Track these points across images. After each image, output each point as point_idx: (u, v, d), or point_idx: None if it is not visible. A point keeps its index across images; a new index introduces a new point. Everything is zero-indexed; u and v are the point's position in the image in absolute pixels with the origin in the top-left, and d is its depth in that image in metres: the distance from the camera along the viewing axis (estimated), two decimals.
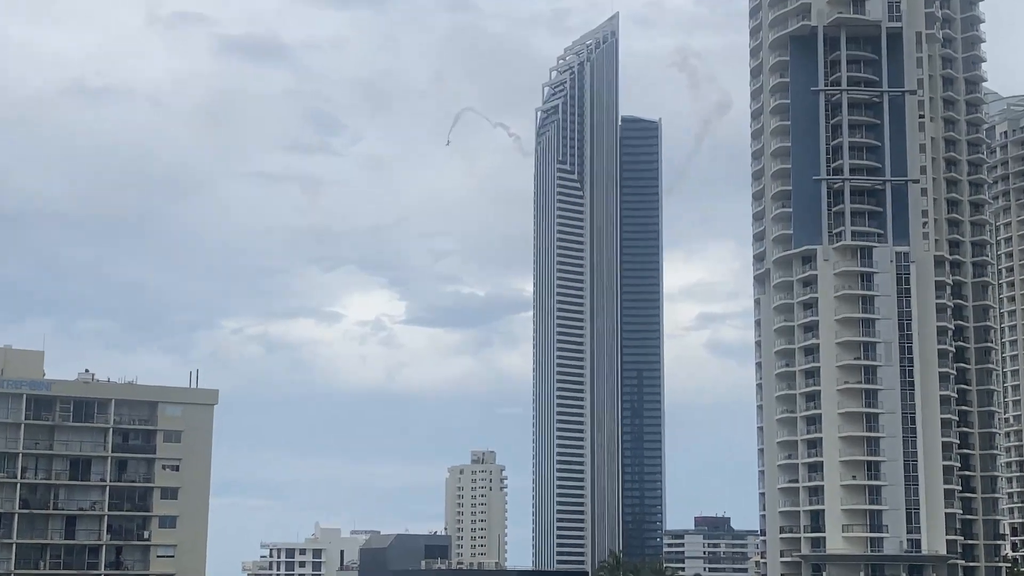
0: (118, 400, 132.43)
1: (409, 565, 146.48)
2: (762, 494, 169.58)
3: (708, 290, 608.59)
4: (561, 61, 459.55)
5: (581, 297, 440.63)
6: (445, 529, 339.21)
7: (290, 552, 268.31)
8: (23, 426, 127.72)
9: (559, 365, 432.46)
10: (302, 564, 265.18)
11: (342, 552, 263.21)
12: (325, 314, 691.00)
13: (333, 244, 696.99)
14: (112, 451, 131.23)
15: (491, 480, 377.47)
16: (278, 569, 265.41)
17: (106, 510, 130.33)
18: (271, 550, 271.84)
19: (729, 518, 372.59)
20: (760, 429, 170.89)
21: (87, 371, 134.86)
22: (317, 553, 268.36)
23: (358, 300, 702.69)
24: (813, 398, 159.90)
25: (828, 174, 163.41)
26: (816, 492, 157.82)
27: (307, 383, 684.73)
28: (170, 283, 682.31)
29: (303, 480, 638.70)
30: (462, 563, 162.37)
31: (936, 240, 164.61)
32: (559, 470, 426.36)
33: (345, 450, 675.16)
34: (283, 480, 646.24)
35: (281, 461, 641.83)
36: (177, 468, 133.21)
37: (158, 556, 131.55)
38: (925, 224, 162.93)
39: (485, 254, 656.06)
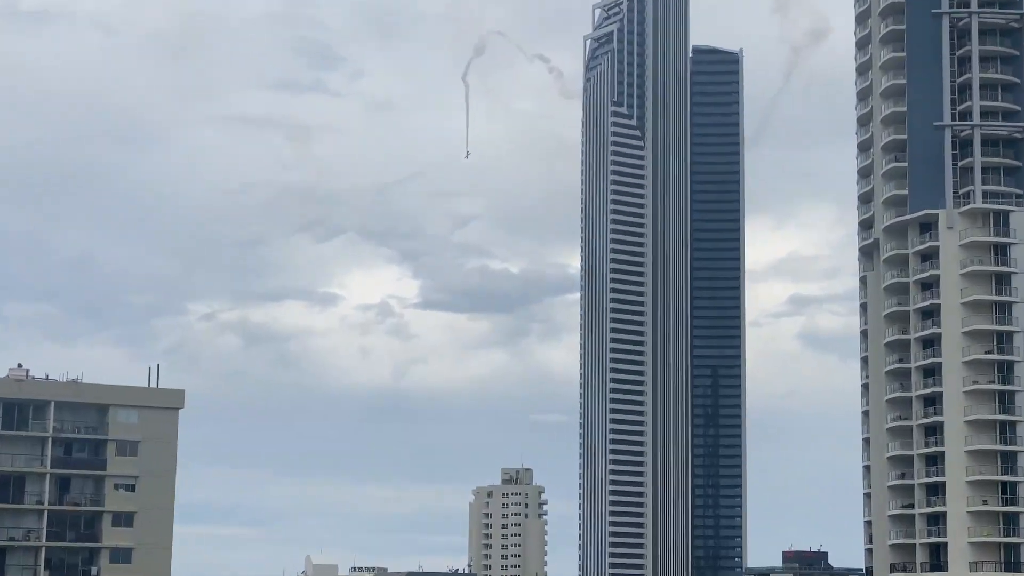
0: (59, 403, 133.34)
1: None
2: (868, 523, 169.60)
3: (801, 266, 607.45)
4: None
5: (642, 275, 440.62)
6: (469, 567, 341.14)
7: None
8: None
9: (613, 361, 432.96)
10: None
11: None
12: (318, 296, 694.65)
13: (328, 207, 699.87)
14: (51, 466, 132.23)
15: (527, 505, 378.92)
16: None
17: (43, 540, 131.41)
18: None
19: (827, 553, 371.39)
20: (866, 441, 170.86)
21: (20, 366, 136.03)
22: None
23: (359, 278, 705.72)
24: (933, 402, 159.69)
25: (953, 120, 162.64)
26: (937, 521, 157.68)
27: (296, 383, 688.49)
28: (123, 257, 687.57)
29: (291, 505, 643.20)
30: None
31: None
32: (613, 493, 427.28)
33: (343, 468, 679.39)
34: (266, 505, 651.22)
35: (263, 481, 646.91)
36: (133, 488, 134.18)
37: None
38: None
39: (520, 221, 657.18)
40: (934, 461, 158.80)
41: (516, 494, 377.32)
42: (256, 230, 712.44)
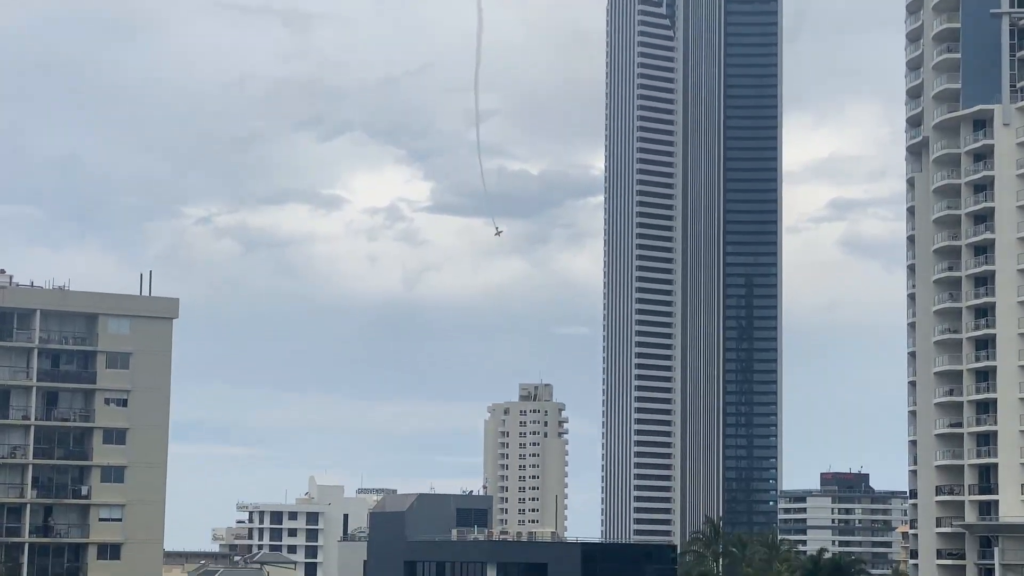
0: (45, 311, 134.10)
1: (436, 534, 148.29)
2: (912, 443, 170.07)
3: (844, 167, 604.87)
4: None
5: (671, 178, 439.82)
6: (484, 488, 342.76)
7: (276, 516, 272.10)
8: None
9: (640, 270, 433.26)
10: (292, 532, 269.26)
11: (346, 517, 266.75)
12: (322, 199, 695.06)
13: (332, 102, 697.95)
14: (38, 379, 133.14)
15: (546, 424, 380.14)
16: (260, 538, 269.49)
17: (30, 458, 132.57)
18: (251, 513, 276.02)
19: (867, 475, 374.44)
20: (912, 355, 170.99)
21: (3, 272, 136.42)
22: (312, 518, 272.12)
23: (366, 180, 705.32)
24: (985, 313, 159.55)
25: (1011, 6, 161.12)
26: (987, 440, 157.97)
27: (298, 292, 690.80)
28: (112, 157, 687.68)
29: (293, 422, 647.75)
30: (507, 532, 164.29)
31: None
32: (639, 411, 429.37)
33: (350, 383, 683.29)
34: (267, 422, 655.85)
35: (264, 397, 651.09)
36: (125, 403, 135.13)
37: (100, 519, 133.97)
38: None
39: (540, 117, 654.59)
40: (985, 377, 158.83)
41: (535, 411, 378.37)
42: (254, 127, 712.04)
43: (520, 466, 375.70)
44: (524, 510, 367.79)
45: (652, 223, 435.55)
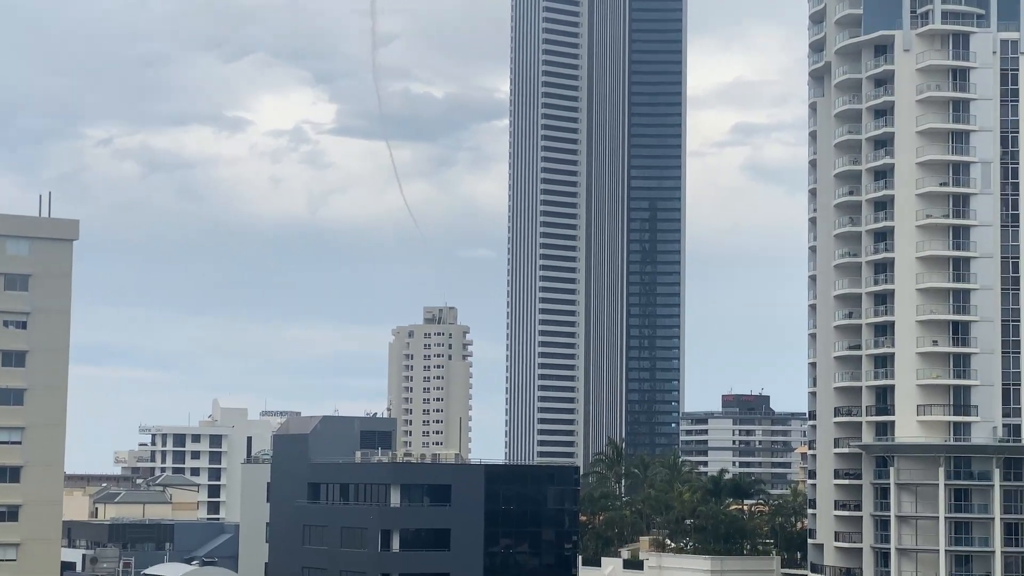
0: None
1: (339, 456, 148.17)
2: (812, 365, 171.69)
3: (748, 92, 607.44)
4: None
5: (576, 100, 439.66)
6: (388, 410, 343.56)
7: (179, 439, 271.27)
8: None
9: (545, 193, 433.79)
10: (195, 455, 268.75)
11: (249, 439, 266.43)
12: (226, 120, 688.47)
13: (236, 23, 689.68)
14: None
15: (451, 346, 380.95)
16: (163, 460, 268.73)
17: None
18: (154, 436, 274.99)
19: (768, 397, 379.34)
20: (812, 279, 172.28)
21: None
22: (215, 440, 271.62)
23: (270, 101, 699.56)
24: (884, 237, 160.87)
25: None
26: (885, 362, 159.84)
27: (201, 214, 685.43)
28: (9, 77, 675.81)
29: (196, 345, 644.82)
30: (411, 454, 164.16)
31: None
32: (543, 333, 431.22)
33: (253, 306, 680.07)
34: (169, 345, 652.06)
35: (166, 320, 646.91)
36: (24, 325, 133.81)
37: (0, 443, 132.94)
38: None
39: (445, 39, 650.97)
40: (883, 300, 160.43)
41: (439, 334, 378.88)
42: (157, 48, 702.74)
43: (424, 389, 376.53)
44: (428, 432, 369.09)
45: (557, 147, 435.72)
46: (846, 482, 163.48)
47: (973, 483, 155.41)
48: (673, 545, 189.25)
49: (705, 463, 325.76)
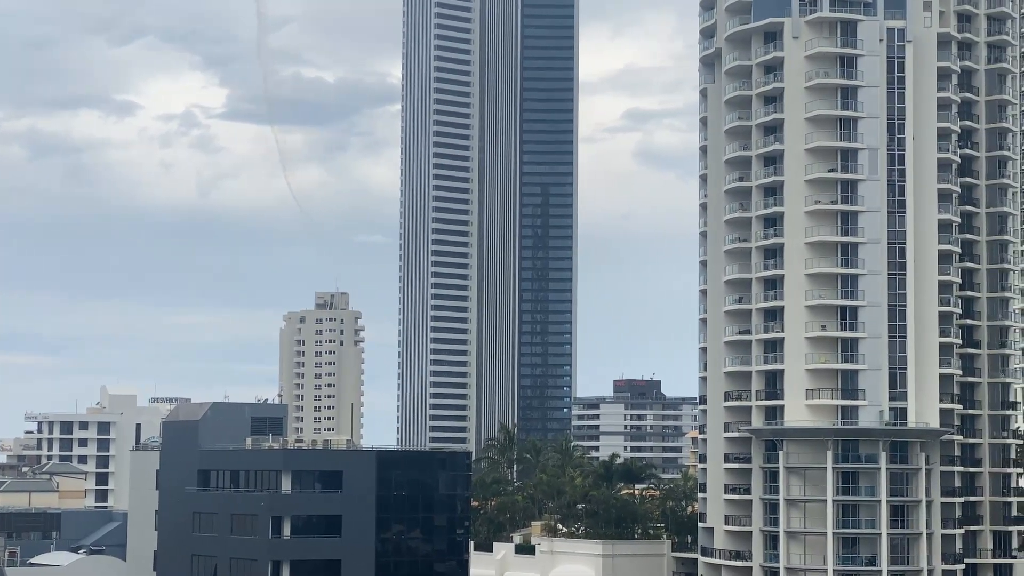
0: None
1: (229, 443, 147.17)
2: (703, 349, 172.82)
3: (640, 79, 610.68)
4: None
5: (468, 86, 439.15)
6: (280, 396, 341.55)
7: (66, 426, 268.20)
8: None
9: (437, 178, 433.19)
10: (83, 442, 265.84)
11: (138, 426, 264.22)
12: (114, 104, 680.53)
13: (125, 6, 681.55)
14: None
15: (343, 332, 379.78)
16: (49, 448, 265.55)
17: None
18: (40, 423, 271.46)
19: (659, 382, 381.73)
20: (703, 264, 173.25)
21: None
22: (104, 427, 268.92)
23: (160, 85, 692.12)
24: (774, 222, 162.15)
25: None
26: (774, 347, 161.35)
27: (89, 199, 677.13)
28: None
29: (84, 331, 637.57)
30: (302, 440, 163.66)
31: (941, 12, 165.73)
32: (435, 319, 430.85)
33: (142, 292, 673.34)
34: (57, 331, 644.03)
35: (54, 306, 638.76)
36: None
37: None
38: None
39: (337, 24, 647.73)
40: (773, 285, 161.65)
41: (331, 320, 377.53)
42: (44, 30, 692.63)
43: (316, 375, 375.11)
44: (320, 418, 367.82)
45: (449, 132, 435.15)
46: (736, 466, 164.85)
47: (860, 466, 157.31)
48: (565, 530, 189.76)
49: (597, 448, 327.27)
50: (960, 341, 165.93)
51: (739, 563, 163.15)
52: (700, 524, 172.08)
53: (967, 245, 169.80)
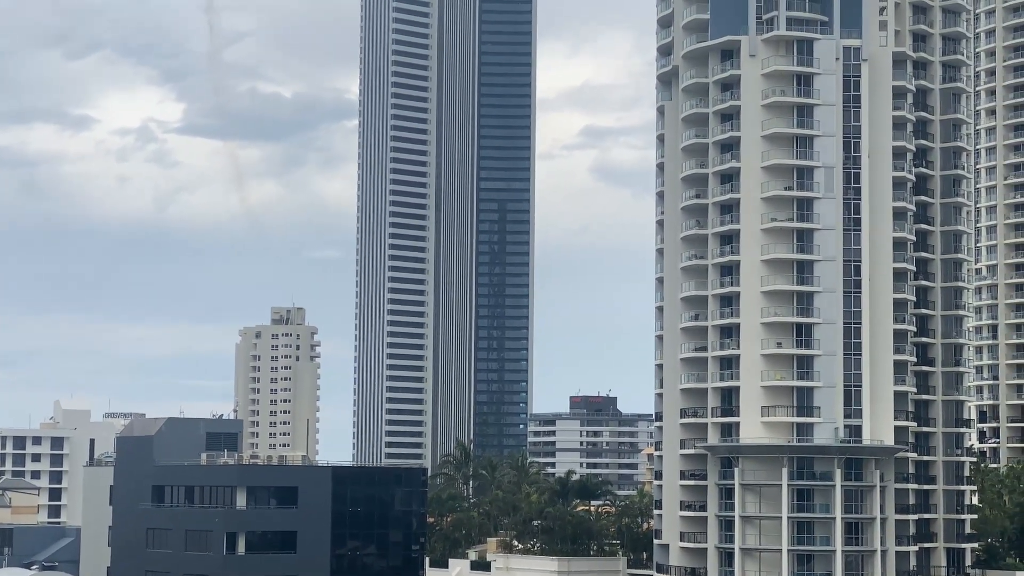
0: None
1: (184, 458, 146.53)
2: (659, 366, 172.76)
3: (597, 96, 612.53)
4: None
5: (425, 102, 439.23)
6: (235, 411, 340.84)
7: (19, 441, 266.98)
8: None
9: (394, 194, 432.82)
10: (36, 457, 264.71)
11: (92, 441, 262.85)
12: (71, 119, 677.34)
13: (81, 18, 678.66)
14: None
15: (299, 347, 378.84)
16: (2, 463, 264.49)
17: None
18: None
19: (615, 398, 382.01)
20: (659, 281, 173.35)
21: None
22: (57, 442, 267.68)
23: (117, 100, 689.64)
24: (730, 240, 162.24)
25: None
26: (730, 364, 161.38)
27: (45, 212, 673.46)
28: None
29: (38, 345, 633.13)
30: (257, 456, 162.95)
31: (897, 32, 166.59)
32: (392, 335, 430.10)
33: (98, 306, 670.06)
34: (11, 344, 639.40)
35: (9, 319, 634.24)
36: None
37: None
38: (883, 10, 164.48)
39: (294, 39, 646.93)
40: (729, 302, 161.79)
41: (287, 335, 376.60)
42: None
43: (272, 390, 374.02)
44: (276, 434, 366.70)
45: (406, 147, 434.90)
46: (692, 483, 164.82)
47: (815, 483, 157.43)
48: (520, 546, 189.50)
49: (553, 464, 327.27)
50: (915, 359, 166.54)
51: None
52: (656, 541, 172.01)
53: (922, 263, 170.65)
